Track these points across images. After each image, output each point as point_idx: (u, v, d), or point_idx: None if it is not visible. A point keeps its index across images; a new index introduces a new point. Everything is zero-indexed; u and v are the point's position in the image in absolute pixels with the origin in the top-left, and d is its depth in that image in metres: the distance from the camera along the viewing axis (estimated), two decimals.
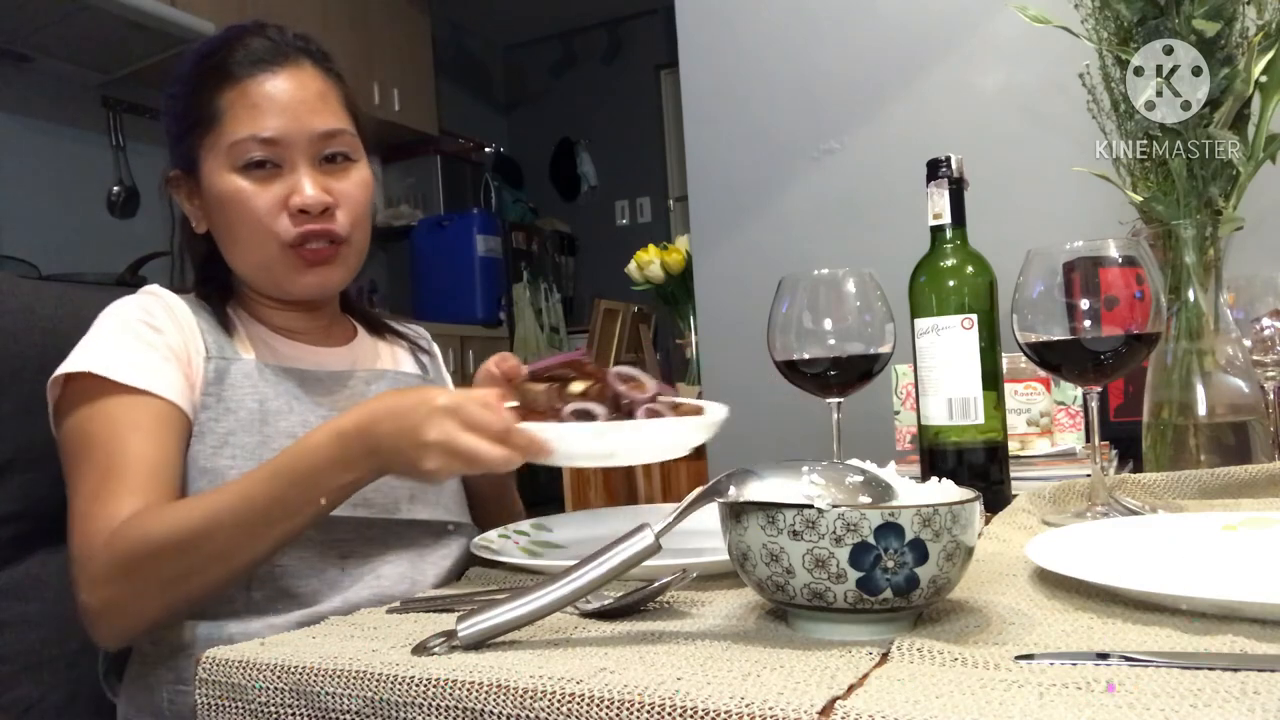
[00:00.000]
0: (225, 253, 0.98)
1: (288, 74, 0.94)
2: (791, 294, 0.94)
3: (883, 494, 0.55)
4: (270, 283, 0.97)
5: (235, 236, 0.95)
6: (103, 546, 0.80)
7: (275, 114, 0.92)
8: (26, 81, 2.98)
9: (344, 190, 0.95)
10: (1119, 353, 0.82)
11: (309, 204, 0.92)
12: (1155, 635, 0.50)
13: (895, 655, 0.48)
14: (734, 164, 1.94)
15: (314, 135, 0.94)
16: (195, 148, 0.94)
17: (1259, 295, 1.11)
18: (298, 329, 1.02)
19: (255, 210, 0.92)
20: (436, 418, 0.73)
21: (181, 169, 0.97)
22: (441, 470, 0.73)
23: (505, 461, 0.72)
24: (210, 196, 0.94)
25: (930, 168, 0.99)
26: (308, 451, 0.78)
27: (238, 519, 0.78)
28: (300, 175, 0.93)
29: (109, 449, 0.84)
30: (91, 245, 3.09)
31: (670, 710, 0.43)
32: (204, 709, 0.56)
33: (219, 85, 0.93)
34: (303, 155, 0.93)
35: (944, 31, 1.74)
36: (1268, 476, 0.94)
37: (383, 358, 1.10)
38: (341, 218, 0.95)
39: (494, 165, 5.22)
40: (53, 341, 0.99)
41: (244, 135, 0.91)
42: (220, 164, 0.93)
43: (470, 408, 0.73)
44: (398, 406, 0.76)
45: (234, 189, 0.92)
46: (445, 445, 0.72)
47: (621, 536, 0.56)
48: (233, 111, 0.92)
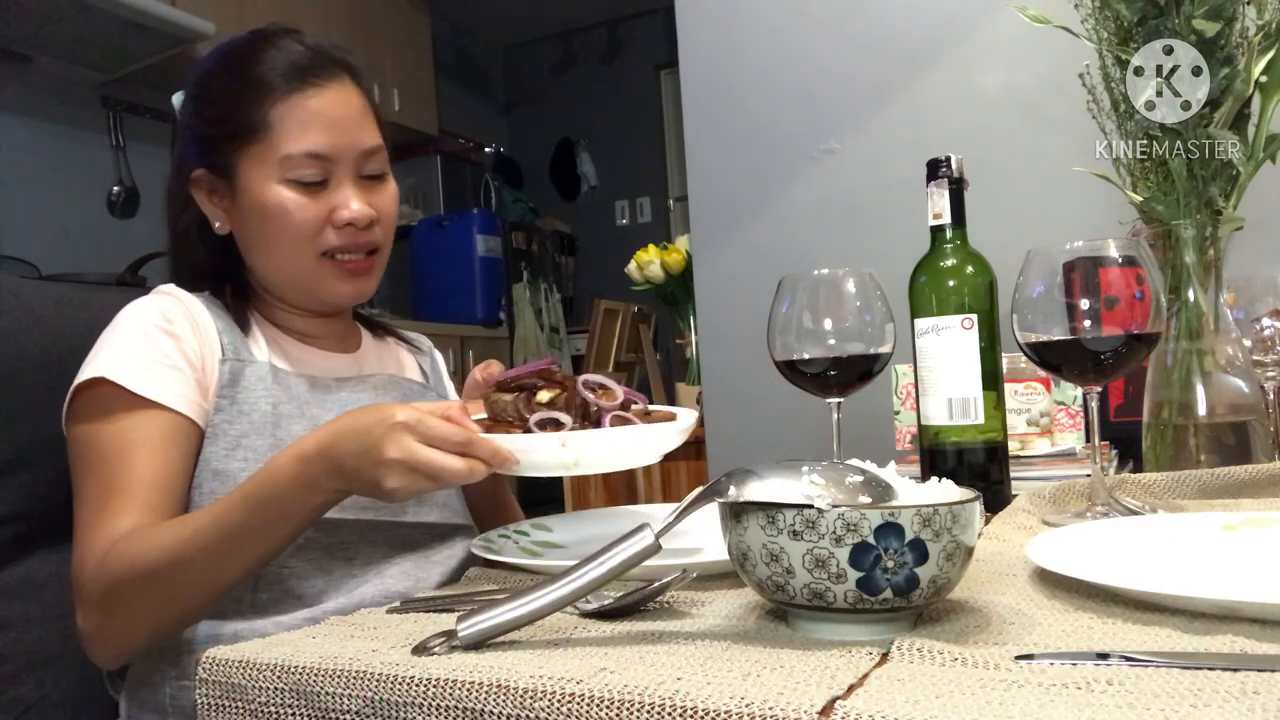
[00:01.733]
0: (254, 258, 0.99)
1: (334, 90, 0.96)
2: (791, 294, 0.94)
3: (883, 494, 0.55)
4: (303, 291, 0.99)
5: (273, 245, 0.96)
6: (94, 570, 0.82)
7: (326, 131, 0.94)
8: (26, 81, 2.98)
9: (382, 205, 0.98)
10: (1119, 353, 0.82)
11: (357, 218, 0.95)
12: (1155, 635, 0.50)
13: (895, 655, 0.48)
14: (734, 164, 1.94)
15: (359, 153, 0.96)
16: (234, 154, 0.95)
17: (1259, 295, 1.11)
18: (314, 333, 1.04)
19: (301, 223, 0.94)
20: (395, 434, 0.72)
21: (210, 170, 0.97)
22: (403, 489, 0.73)
23: (467, 474, 0.72)
24: (250, 204, 0.95)
25: (930, 168, 0.99)
26: (273, 475, 0.78)
27: (212, 545, 0.79)
28: (346, 190, 0.95)
29: (114, 464, 0.86)
30: (91, 245, 3.09)
31: (670, 710, 0.43)
32: (204, 709, 0.56)
33: (264, 96, 0.94)
34: (347, 171, 0.96)
35: (944, 31, 1.74)
36: (1268, 476, 0.94)
37: (388, 364, 1.11)
38: (379, 232, 0.98)
39: (494, 165, 5.22)
40: (53, 341, 0.99)
41: (297, 151, 0.93)
42: (267, 174, 0.93)
43: (429, 422, 0.72)
44: (357, 425, 0.75)
45: (281, 200, 0.93)
46: (405, 462, 0.72)
47: (621, 536, 0.56)
48: (283, 125, 0.93)
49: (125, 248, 3.04)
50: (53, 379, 0.96)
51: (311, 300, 1.00)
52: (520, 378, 0.83)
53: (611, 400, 0.81)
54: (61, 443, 0.93)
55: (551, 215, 5.42)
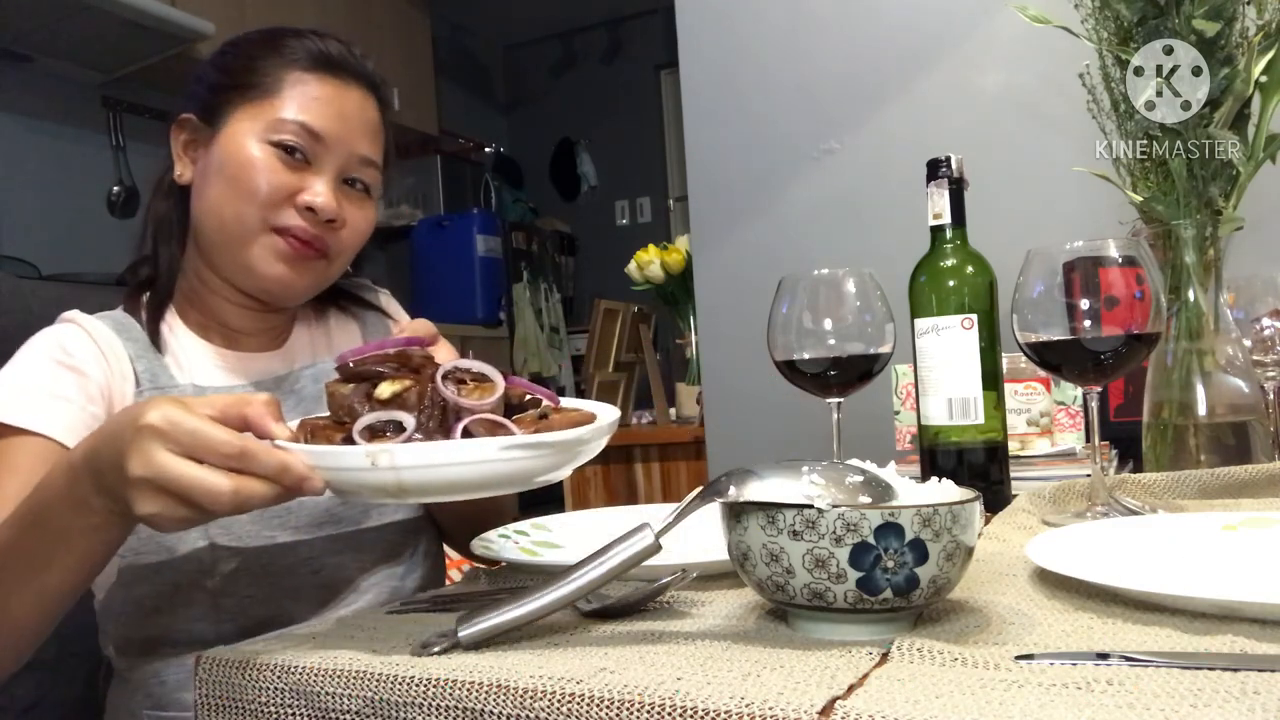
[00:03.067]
0: (203, 214, 0.92)
1: (355, 93, 0.94)
2: (791, 294, 0.94)
3: (883, 494, 0.55)
4: (236, 261, 0.91)
5: (227, 200, 0.89)
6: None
7: (331, 116, 0.91)
8: (26, 81, 2.98)
9: (354, 216, 0.94)
10: (1119, 353, 0.82)
11: (321, 207, 0.89)
12: (1155, 635, 0.50)
13: (895, 655, 0.48)
14: (734, 164, 1.94)
15: (352, 153, 0.93)
16: (229, 104, 0.91)
17: (1259, 295, 1.11)
18: (246, 330, 0.97)
19: (265, 186, 0.88)
20: (142, 442, 0.55)
21: (199, 115, 0.93)
22: (160, 517, 0.56)
23: (234, 499, 0.55)
24: (224, 153, 0.90)
25: (930, 168, 0.99)
26: (41, 490, 0.64)
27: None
28: (323, 180, 0.91)
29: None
30: (91, 245, 3.08)
31: (670, 710, 0.43)
32: (203, 709, 0.56)
33: (283, 63, 0.91)
34: (332, 165, 0.91)
35: (944, 31, 1.74)
36: (1268, 476, 0.94)
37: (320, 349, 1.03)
38: (341, 238, 0.93)
39: (494, 165, 5.23)
40: None
41: (293, 117, 0.89)
42: (254, 129, 0.89)
43: (188, 424, 0.55)
44: (111, 426, 0.59)
45: (257, 155, 0.89)
46: (153, 480, 0.55)
47: (621, 536, 0.56)
48: (290, 93, 0.90)
49: (125, 248, 3.03)
50: None
51: (242, 275, 0.92)
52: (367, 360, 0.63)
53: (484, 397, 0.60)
54: None
55: (551, 215, 5.42)
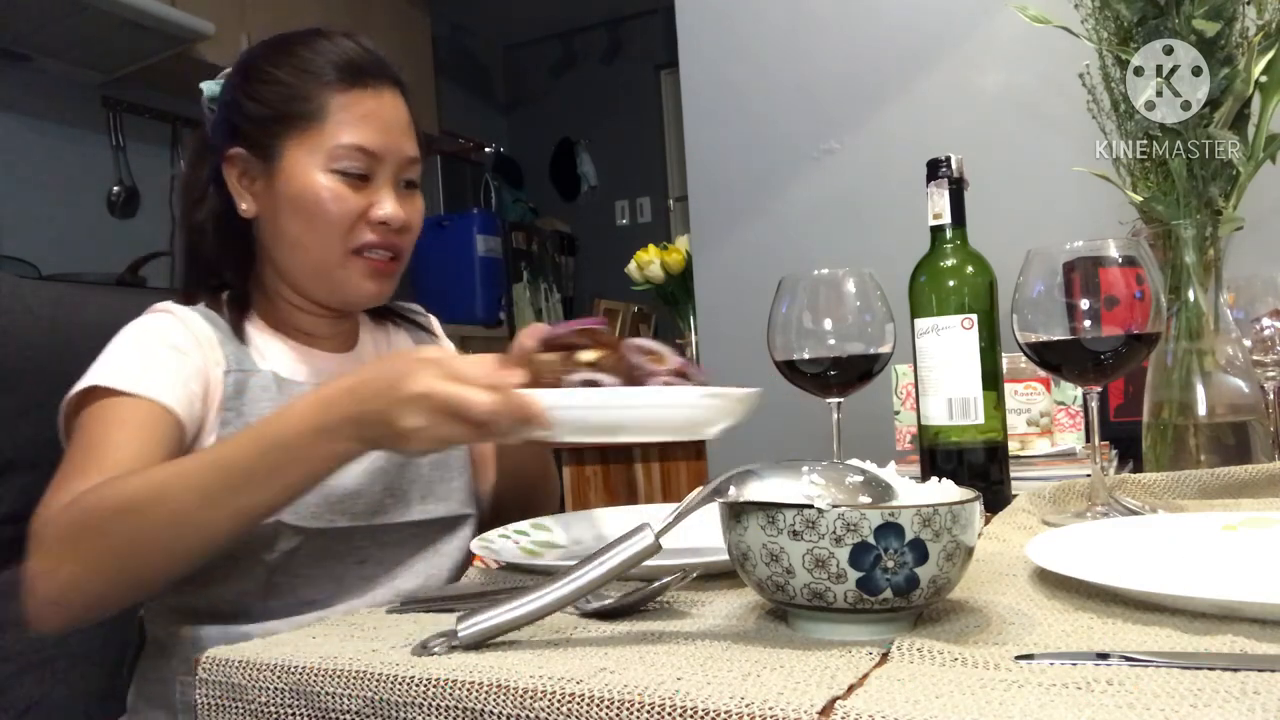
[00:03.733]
0: (280, 246, 0.97)
1: (388, 96, 0.98)
2: (791, 294, 0.94)
3: (883, 494, 0.55)
4: (327, 286, 0.98)
5: (306, 234, 0.95)
6: (57, 513, 0.77)
7: (377, 130, 0.95)
8: (26, 81, 2.98)
9: (412, 215, 0.99)
10: (1119, 353, 0.82)
11: (393, 220, 0.95)
12: (1155, 635, 0.50)
13: (895, 655, 0.48)
14: (734, 164, 1.94)
15: (403, 158, 0.98)
16: (278, 137, 0.95)
17: (1259, 295, 1.11)
18: (319, 333, 1.03)
19: (339, 214, 0.94)
20: (420, 368, 0.67)
21: (248, 150, 0.96)
22: (422, 430, 0.67)
23: (492, 410, 0.65)
24: (289, 189, 0.94)
25: (930, 168, 0.99)
26: (288, 416, 0.72)
27: (201, 482, 0.73)
28: (385, 191, 0.96)
29: (91, 441, 0.84)
30: (91, 245, 3.08)
31: (670, 710, 0.43)
32: (204, 709, 0.56)
33: (321, 86, 0.94)
34: (389, 174, 0.97)
35: (944, 31, 1.74)
36: (1268, 476, 0.94)
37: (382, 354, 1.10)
38: (407, 239, 0.99)
39: (494, 165, 5.22)
40: (53, 341, 0.99)
41: (349, 142, 0.94)
42: (314, 162, 0.94)
43: (457, 360, 0.68)
44: (384, 364, 0.71)
45: (324, 187, 0.93)
46: (428, 396, 0.66)
47: (621, 536, 0.56)
48: (337, 117, 0.94)
49: (125, 248, 3.04)
50: (53, 379, 0.96)
51: (333, 296, 0.99)
52: (564, 336, 0.77)
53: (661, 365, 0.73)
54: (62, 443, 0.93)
55: (551, 215, 5.42)
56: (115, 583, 0.76)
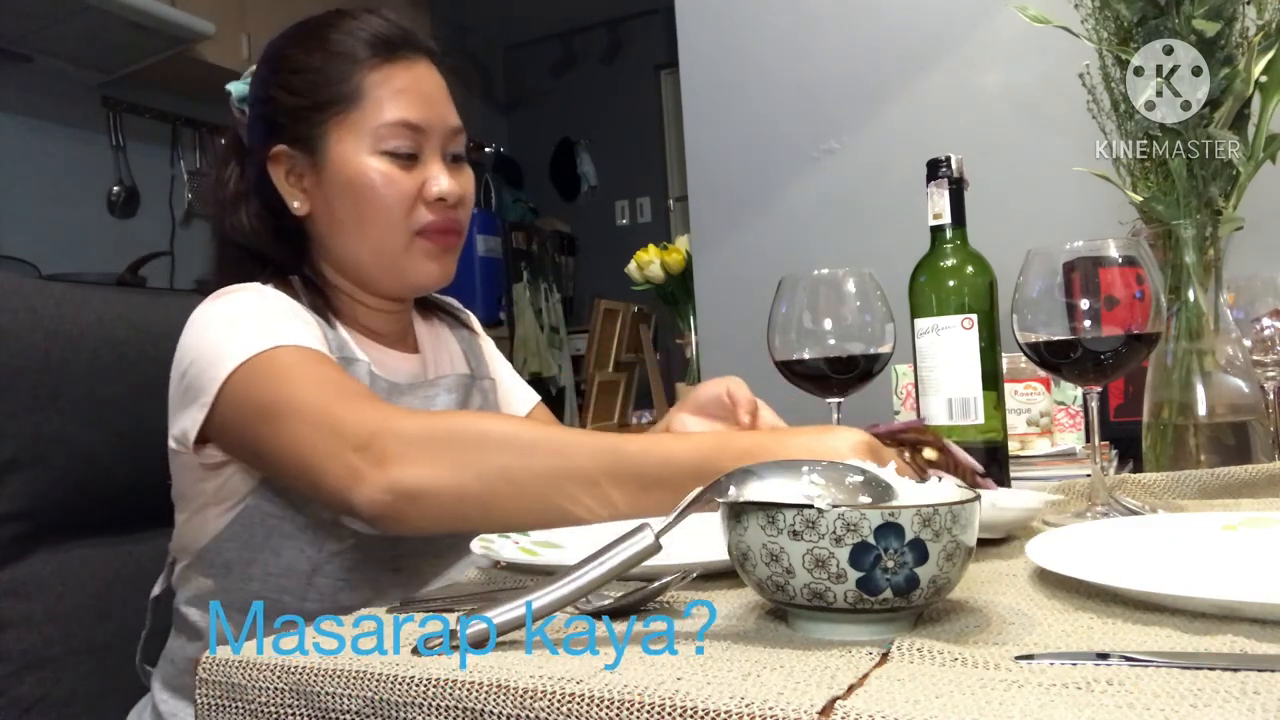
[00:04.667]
0: (340, 239, 0.94)
1: (424, 67, 0.95)
2: (791, 294, 0.94)
3: (883, 494, 0.55)
4: (393, 272, 0.95)
5: (366, 222, 0.92)
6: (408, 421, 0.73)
7: (418, 103, 0.93)
8: (26, 81, 2.98)
9: (466, 187, 0.97)
10: (1119, 353, 0.82)
11: (449, 194, 0.93)
12: (1155, 635, 0.50)
13: (895, 655, 0.48)
14: (734, 164, 1.94)
15: (448, 129, 0.95)
16: (322, 125, 0.92)
17: (1259, 295, 1.11)
18: (382, 330, 1.00)
19: (395, 196, 0.91)
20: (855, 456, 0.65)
21: (291, 145, 0.93)
22: None
23: None
24: (340, 178, 0.91)
25: (930, 168, 0.99)
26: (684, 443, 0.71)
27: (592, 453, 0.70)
28: (436, 166, 0.94)
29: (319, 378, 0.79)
30: (91, 245, 3.09)
31: (670, 710, 0.43)
32: (204, 709, 0.56)
33: (354, 65, 0.91)
34: (436, 148, 0.94)
35: (944, 31, 1.74)
36: (1268, 476, 0.94)
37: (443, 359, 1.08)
38: (464, 213, 0.97)
39: (494, 165, 5.23)
40: (53, 341, 0.99)
41: (393, 119, 0.91)
42: (360, 146, 0.91)
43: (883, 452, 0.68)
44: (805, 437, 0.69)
45: (376, 170, 0.91)
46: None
47: (621, 536, 0.56)
48: (376, 95, 0.91)
49: (125, 248, 3.05)
50: (53, 379, 0.96)
51: (398, 283, 0.96)
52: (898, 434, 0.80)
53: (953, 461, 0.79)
54: (63, 442, 0.93)
55: (551, 215, 5.43)
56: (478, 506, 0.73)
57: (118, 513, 1.05)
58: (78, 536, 1.02)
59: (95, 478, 1.01)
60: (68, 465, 0.99)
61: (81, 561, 1.01)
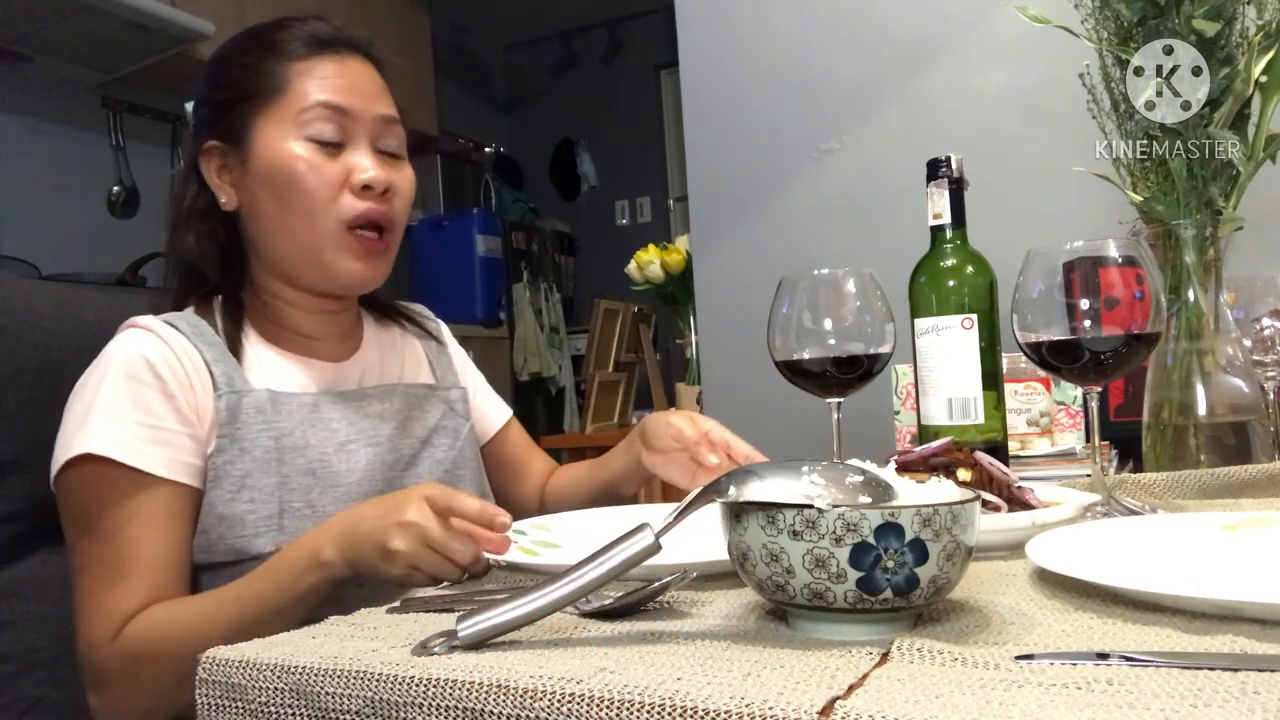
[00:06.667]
0: (265, 231, 0.94)
1: (355, 61, 0.96)
2: (791, 294, 0.94)
3: (883, 494, 0.55)
4: (317, 266, 0.94)
5: (288, 211, 0.92)
6: (110, 646, 0.81)
7: (344, 90, 0.93)
8: (26, 81, 2.98)
9: (399, 181, 0.96)
10: (1119, 353, 0.82)
11: (374, 180, 0.92)
12: (1155, 635, 0.50)
13: (895, 655, 0.48)
14: (734, 164, 1.94)
15: (376, 117, 0.95)
16: (248, 116, 0.92)
17: (1259, 295, 1.11)
18: (317, 334, 0.99)
19: (318, 182, 0.91)
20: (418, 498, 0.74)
21: (222, 140, 0.94)
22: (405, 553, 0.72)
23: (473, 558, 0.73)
24: (264, 166, 0.92)
25: (930, 168, 0.99)
26: (294, 546, 0.80)
27: (233, 621, 0.78)
28: (363, 154, 0.93)
29: (115, 541, 0.83)
30: (91, 245, 3.08)
31: (670, 710, 0.43)
32: (204, 709, 0.56)
33: (283, 58, 0.93)
34: (364, 135, 0.94)
35: (944, 31, 1.74)
36: (1268, 476, 0.94)
37: (390, 364, 1.07)
38: (396, 208, 0.96)
39: (494, 165, 5.23)
40: (53, 341, 0.99)
41: (313, 101, 0.91)
42: (283, 132, 0.91)
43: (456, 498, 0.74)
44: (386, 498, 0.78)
45: (297, 157, 0.91)
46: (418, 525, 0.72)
47: (621, 536, 0.56)
48: (299, 82, 0.92)
49: (125, 248, 3.04)
50: (53, 379, 0.96)
51: (325, 279, 0.95)
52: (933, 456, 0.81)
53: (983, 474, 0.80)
54: None
55: (551, 215, 5.42)
56: (175, 705, 0.81)
57: None
58: None
59: None
60: None
61: None
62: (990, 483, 0.79)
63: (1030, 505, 0.77)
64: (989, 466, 0.79)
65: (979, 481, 0.79)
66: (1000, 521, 0.73)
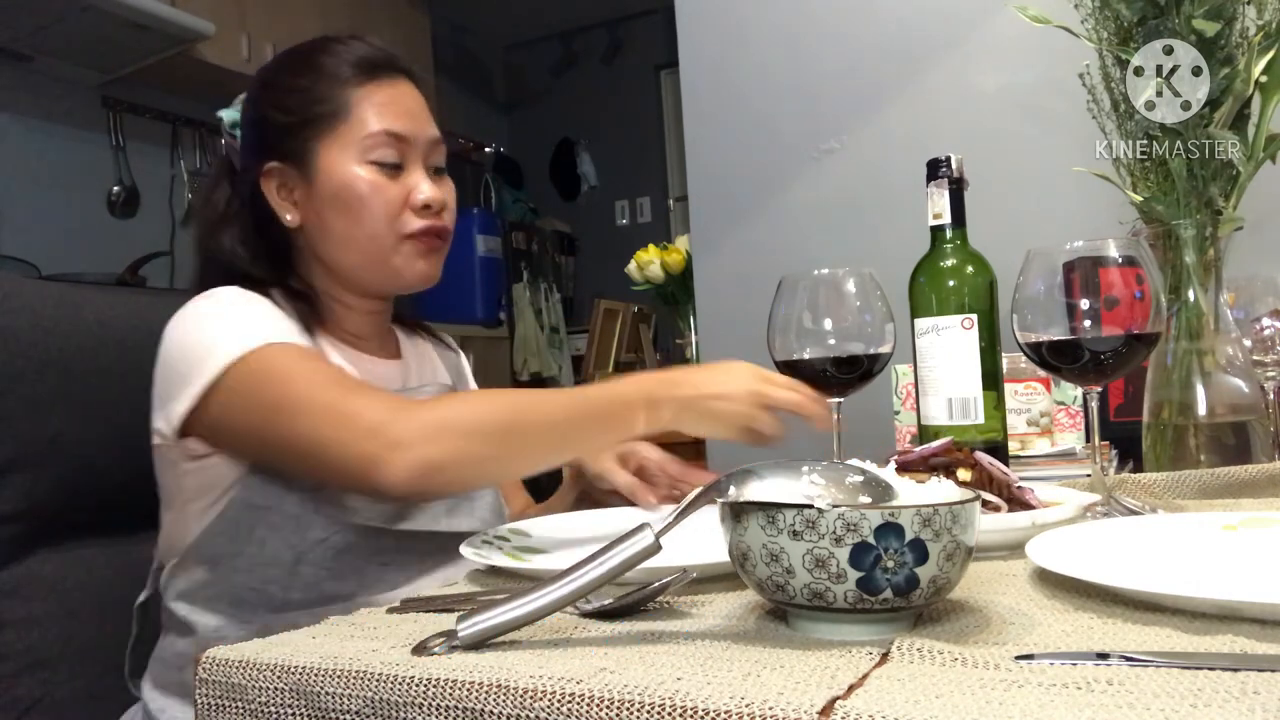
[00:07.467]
0: (330, 245, 1.00)
1: (404, 85, 1.03)
2: (791, 294, 0.94)
3: (883, 494, 0.55)
4: (384, 271, 1.01)
5: (355, 226, 0.98)
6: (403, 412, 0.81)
7: (402, 116, 1.00)
8: (26, 81, 2.98)
9: (448, 195, 1.04)
10: (1119, 353, 0.82)
11: (434, 200, 1.00)
12: (1155, 635, 0.50)
13: (895, 655, 0.48)
14: (734, 164, 1.94)
15: (430, 140, 1.02)
16: (310, 140, 0.98)
17: (1259, 295, 1.11)
18: (364, 334, 1.06)
19: (382, 203, 0.98)
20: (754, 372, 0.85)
21: (283, 161, 0.99)
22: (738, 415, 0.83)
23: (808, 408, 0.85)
24: (330, 188, 0.98)
25: (930, 168, 0.99)
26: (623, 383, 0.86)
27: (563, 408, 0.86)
28: (419, 176, 1.01)
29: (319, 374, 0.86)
30: (91, 245, 3.08)
31: (670, 710, 0.43)
32: (204, 709, 0.56)
33: (338, 84, 0.99)
34: (419, 158, 1.01)
35: (944, 31, 1.74)
36: (1268, 476, 0.94)
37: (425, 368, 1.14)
38: (448, 219, 1.04)
39: (494, 165, 5.23)
40: (53, 341, 0.99)
41: (377, 129, 0.98)
42: (347, 156, 0.97)
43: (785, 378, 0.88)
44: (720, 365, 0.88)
45: (363, 179, 0.97)
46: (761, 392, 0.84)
47: (621, 536, 0.56)
48: (360, 108, 0.98)
49: (125, 248, 3.04)
50: (53, 379, 0.96)
51: (389, 281, 1.02)
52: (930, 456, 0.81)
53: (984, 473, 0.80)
54: (62, 443, 0.93)
55: (551, 215, 5.42)
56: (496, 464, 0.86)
57: (117, 513, 1.05)
58: (77, 537, 1.02)
59: (94, 478, 1.01)
60: (67, 465, 0.99)
61: (80, 562, 1.02)
62: (990, 483, 0.79)
63: (1030, 505, 0.77)
64: (989, 466, 0.80)
65: (979, 481, 0.79)
66: (1000, 521, 0.73)
